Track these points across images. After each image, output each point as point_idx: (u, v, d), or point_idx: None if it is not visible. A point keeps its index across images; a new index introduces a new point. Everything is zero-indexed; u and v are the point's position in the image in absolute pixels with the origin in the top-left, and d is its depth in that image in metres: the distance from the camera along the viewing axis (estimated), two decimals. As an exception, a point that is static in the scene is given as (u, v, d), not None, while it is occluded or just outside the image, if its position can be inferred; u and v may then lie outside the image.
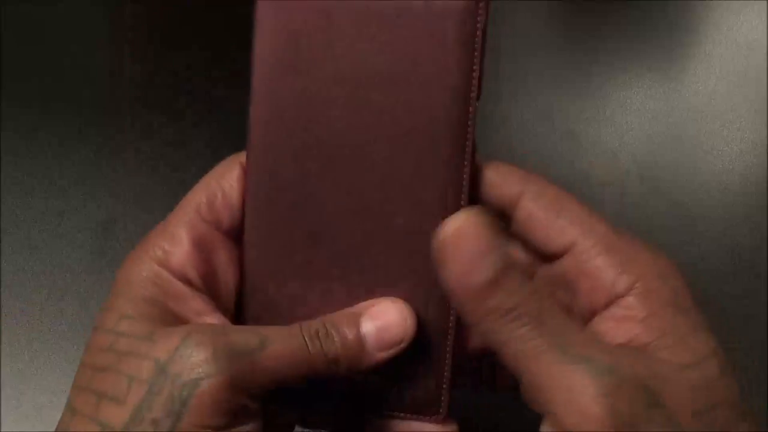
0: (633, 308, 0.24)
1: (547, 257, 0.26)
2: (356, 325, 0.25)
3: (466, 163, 0.25)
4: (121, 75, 0.49)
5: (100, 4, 0.55)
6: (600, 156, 0.46)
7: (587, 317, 0.25)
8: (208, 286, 0.26)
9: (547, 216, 0.25)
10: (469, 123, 0.25)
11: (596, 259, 0.24)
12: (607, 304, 0.24)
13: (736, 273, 0.40)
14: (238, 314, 0.27)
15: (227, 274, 0.27)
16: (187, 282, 0.25)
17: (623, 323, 0.24)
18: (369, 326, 0.25)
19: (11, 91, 0.48)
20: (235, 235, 0.27)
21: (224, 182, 0.27)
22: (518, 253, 0.27)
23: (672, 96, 0.49)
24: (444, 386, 0.26)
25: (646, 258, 0.24)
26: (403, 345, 0.25)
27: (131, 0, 0.54)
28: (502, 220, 0.26)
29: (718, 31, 0.54)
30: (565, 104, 0.48)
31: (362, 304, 0.26)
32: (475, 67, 0.25)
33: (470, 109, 0.25)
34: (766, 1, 0.54)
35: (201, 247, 0.26)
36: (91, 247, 0.41)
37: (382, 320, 0.25)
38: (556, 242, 0.25)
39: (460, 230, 0.22)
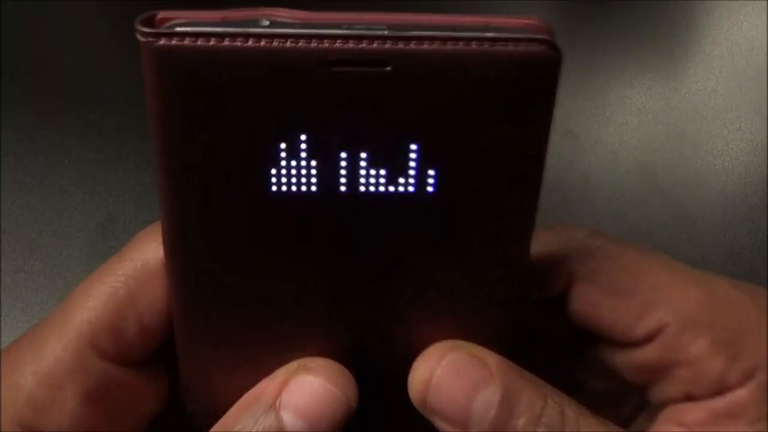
0: (743, 404, 0.18)
1: (621, 344, 0.20)
2: (279, 423, 0.17)
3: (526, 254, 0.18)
4: (121, 75, 0.49)
5: (101, 4, 0.55)
6: (600, 156, 0.46)
7: (673, 401, 0.19)
8: None
9: (616, 301, 0.19)
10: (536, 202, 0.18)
11: (696, 344, 0.18)
12: (712, 396, 0.18)
13: (736, 273, 0.40)
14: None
15: (134, 414, 0.19)
16: None
17: (726, 420, 0.18)
18: (289, 419, 0.17)
19: (11, 91, 0.48)
20: (153, 359, 0.19)
21: (141, 291, 0.18)
22: (561, 333, 0.21)
23: (672, 96, 0.49)
24: None
25: (759, 326, 0.18)
26: (350, 414, 0.18)
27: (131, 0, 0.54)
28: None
29: (718, 31, 0.54)
30: (565, 104, 0.48)
31: (269, 384, 0.18)
32: (548, 136, 0.17)
33: (539, 187, 0.18)
34: (766, 1, 0.54)
35: (96, 400, 0.18)
36: (91, 247, 0.41)
37: (305, 399, 0.17)
38: (636, 331, 0.19)
39: (436, 381, 0.18)
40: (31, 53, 0.50)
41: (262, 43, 0.15)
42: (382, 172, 0.16)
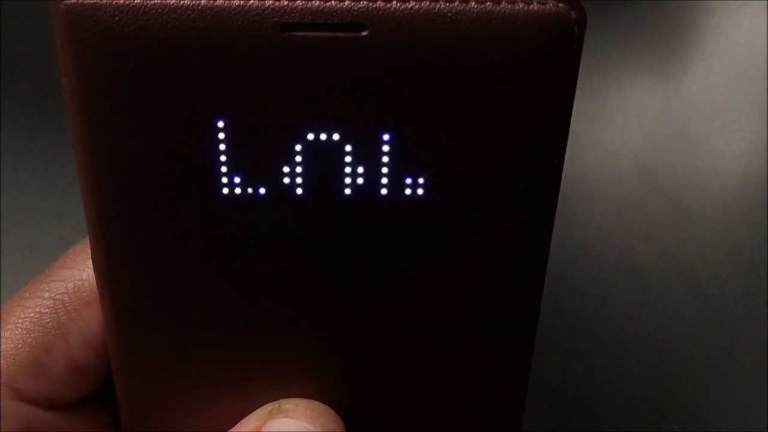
0: None
1: None
2: None
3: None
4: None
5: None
6: (600, 156, 0.46)
7: None
8: None
9: None
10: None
11: None
12: None
13: (736, 273, 0.40)
14: None
15: None
16: None
17: None
18: None
19: (11, 91, 0.48)
20: (89, 401, 0.15)
21: (72, 319, 0.14)
22: None
23: (672, 96, 0.49)
24: None
25: None
26: None
27: None
28: None
29: (718, 31, 0.54)
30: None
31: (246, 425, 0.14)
32: (568, 126, 0.15)
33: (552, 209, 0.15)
34: (766, 1, 0.54)
35: None
36: (91, 247, 0.41)
37: None
38: None
39: None
40: (31, 53, 0.50)
41: (202, 0, 0.11)
42: (360, 170, 0.13)
